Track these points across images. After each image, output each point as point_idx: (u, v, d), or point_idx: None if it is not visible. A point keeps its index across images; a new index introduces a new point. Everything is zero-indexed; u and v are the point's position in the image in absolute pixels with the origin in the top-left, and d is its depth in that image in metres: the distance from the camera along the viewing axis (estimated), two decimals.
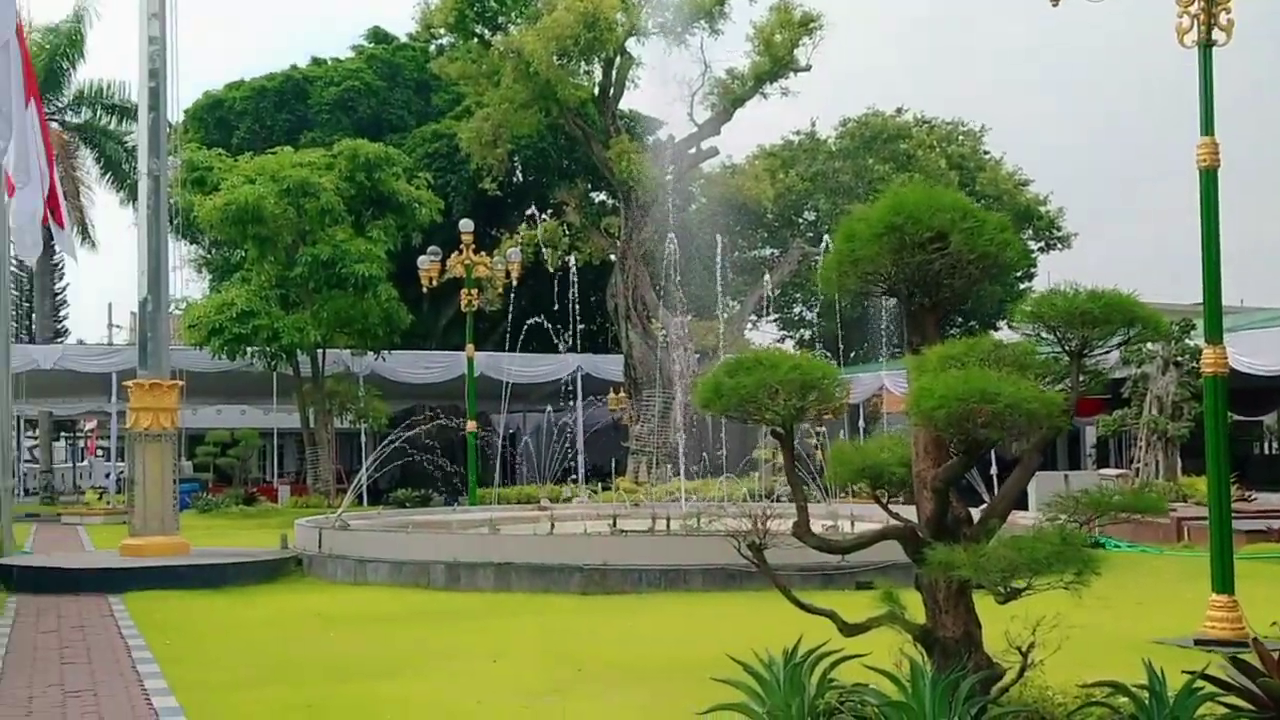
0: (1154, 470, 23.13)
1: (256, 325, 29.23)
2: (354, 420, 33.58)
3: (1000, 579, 5.27)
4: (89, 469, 47.91)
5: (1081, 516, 5.83)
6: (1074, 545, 5.30)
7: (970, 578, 5.36)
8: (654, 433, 31.25)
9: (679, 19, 32.29)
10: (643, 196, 32.50)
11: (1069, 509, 5.82)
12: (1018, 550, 5.22)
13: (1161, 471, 23.08)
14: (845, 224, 6.22)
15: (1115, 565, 12.92)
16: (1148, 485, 21.69)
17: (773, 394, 5.84)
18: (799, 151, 46.95)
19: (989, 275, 6.12)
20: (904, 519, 6.14)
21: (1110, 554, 14.32)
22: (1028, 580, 5.29)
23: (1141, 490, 14.30)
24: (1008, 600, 5.40)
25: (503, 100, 32.62)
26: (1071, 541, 5.32)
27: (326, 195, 29.77)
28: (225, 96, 42.99)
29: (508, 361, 31.29)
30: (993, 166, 47.00)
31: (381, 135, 38.13)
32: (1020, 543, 5.27)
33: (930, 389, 5.23)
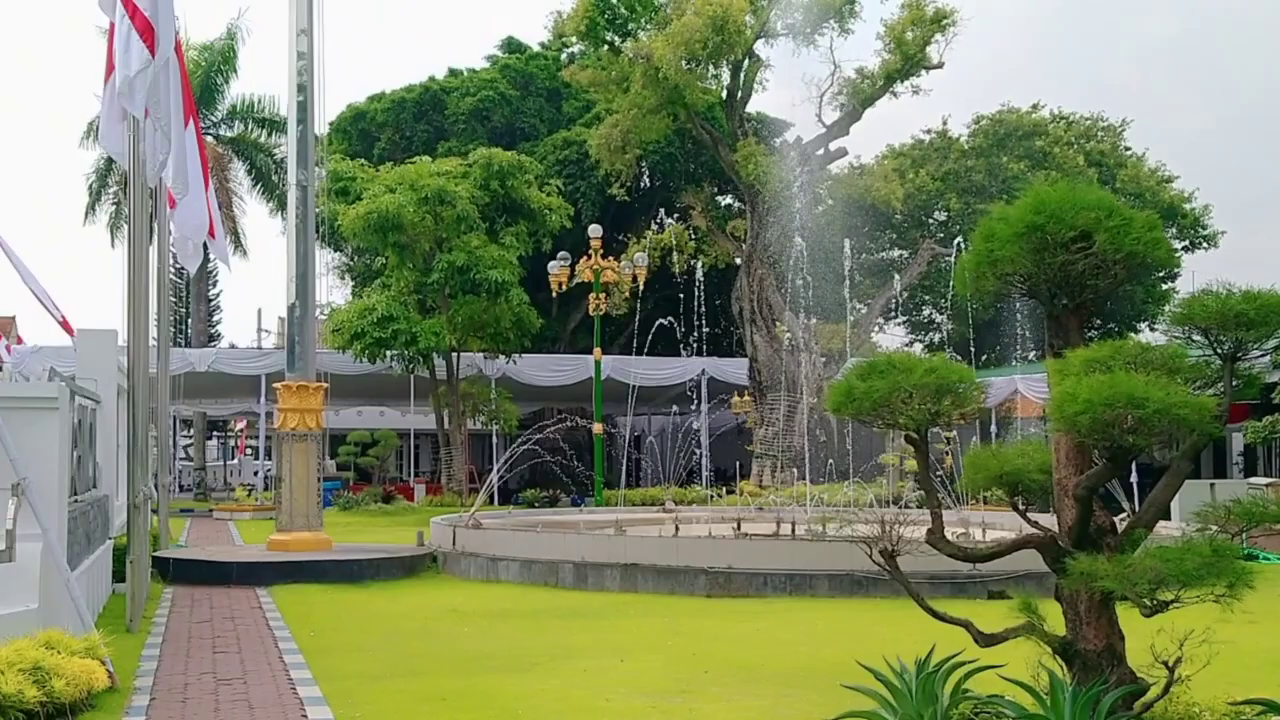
0: None
1: (396, 330, 29.98)
2: (486, 422, 34.14)
3: (1147, 591, 5.13)
4: (239, 467, 49.62)
5: (1233, 528, 5.63)
6: (1226, 557, 5.13)
7: (1114, 589, 5.23)
8: (778, 436, 31.11)
9: (808, 20, 32.06)
10: (769, 199, 32.38)
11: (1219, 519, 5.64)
12: (1165, 561, 5.07)
13: None
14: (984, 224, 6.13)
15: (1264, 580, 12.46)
16: None
17: (907, 398, 5.79)
18: (930, 150, 46.17)
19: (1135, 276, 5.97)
20: (1043, 527, 6.02)
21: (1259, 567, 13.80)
22: (1175, 593, 5.14)
23: None
24: (1153, 613, 5.26)
25: (632, 106, 32.83)
26: (1223, 553, 5.15)
27: (462, 203, 30.40)
28: (367, 108, 44.19)
29: (634, 364, 31.47)
30: (1134, 163, 45.51)
31: (514, 143, 38.74)
32: (1168, 553, 5.12)
33: (1074, 393, 5.12)
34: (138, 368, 11.53)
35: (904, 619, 6.56)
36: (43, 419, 9.11)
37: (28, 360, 30.18)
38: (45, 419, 9.14)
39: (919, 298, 45.30)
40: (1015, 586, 11.47)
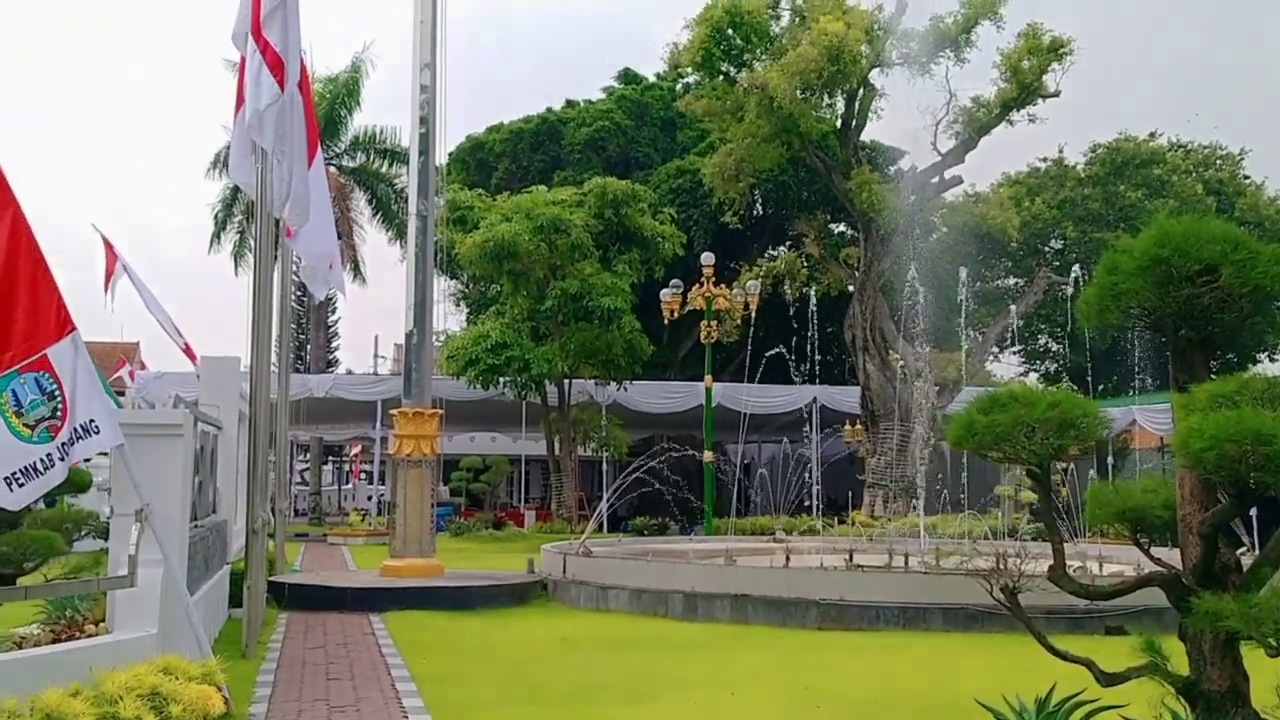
0: None
1: (509, 356, 30.36)
2: (596, 448, 34.32)
3: (1273, 631, 4.98)
4: (353, 491, 50.59)
5: None
6: None
7: (1240, 629, 5.09)
8: (891, 466, 30.73)
9: (924, 49, 31.81)
10: (883, 227, 32.11)
11: None
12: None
13: None
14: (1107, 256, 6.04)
15: None
16: None
17: (1029, 433, 5.71)
18: (1046, 178, 45.42)
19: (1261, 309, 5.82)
20: (1166, 564, 5.88)
21: None
22: None
23: None
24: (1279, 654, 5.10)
25: (745, 135, 32.89)
26: None
27: (576, 231, 30.77)
28: (486, 139, 45.05)
29: (745, 392, 31.39)
30: (1253, 191, 44.26)
31: (629, 172, 39.10)
32: None
33: (1200, 429, 5.00)
34: (259, 394, 11.85)
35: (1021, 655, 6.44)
36: (167, 446, 9.32)
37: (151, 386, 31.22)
38: (169, 446, 9.35)
39: (1035, 326, 44.50)
40: (1133, 622, 11.13)
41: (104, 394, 7.93)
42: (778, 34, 32.87)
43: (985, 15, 31.39)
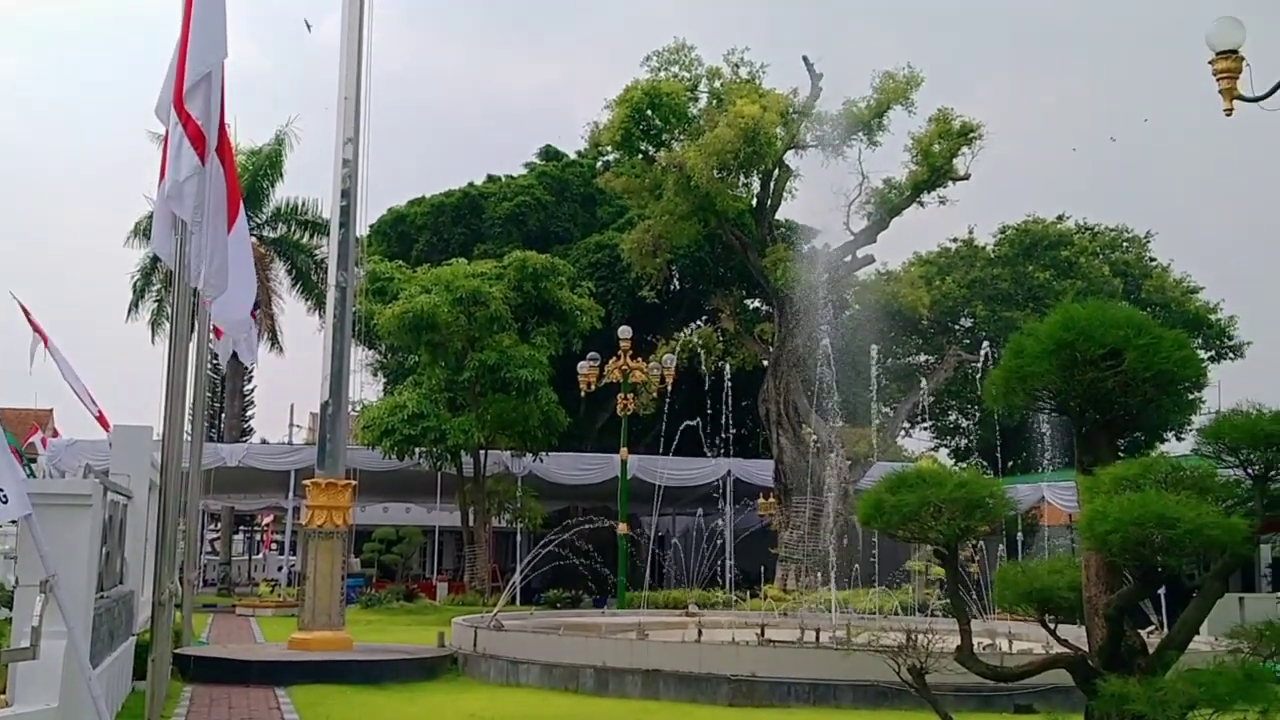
0: None
1: (425, 427, 30.26)
2: (510, 520, 34.11)
3: (1178, 715, 5.08)
4: (264, 562, 49.56)
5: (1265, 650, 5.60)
6: (1259, 681, 5.10)
7: (1146, 713, 5.19)
8: (803, 540, 30.91)
9: (837, 132, 32.61)
10: (797, 303, 32.62)
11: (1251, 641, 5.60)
12: (1197, 685, 5.04)
13: None
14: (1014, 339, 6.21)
15: None
16: None
17: (936, 513, 5.82)
18: (956, 258, 46.47)
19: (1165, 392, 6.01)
20: (1071, 645, 5.99)
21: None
22: (1208, 717, 5.10)
23: None
24: None
25: (664, 212, 33.36)
26: (1256, 677, 5.12)
27: (495, 304, 30.88)
28: (407, 212, 45.15)
29: (660, 464, 31.44)
30: (1159, 273, 45.67)
31: (549, 246, 39.37)
32: (1200, 677, 5.09)
33: (1105, 512, 5.14)
34: (170, 463, 11.65)
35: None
36: (75, 516, 9.13)
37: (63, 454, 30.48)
38: (77, 516, 9.16)
39: (945, 403, 45.24)
40: (1042, 701, 11.27)
41: (13, 463, 7.76)
42: (695, 115, 33.51)
43: (897, 100, 32.30)
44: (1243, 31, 9.76)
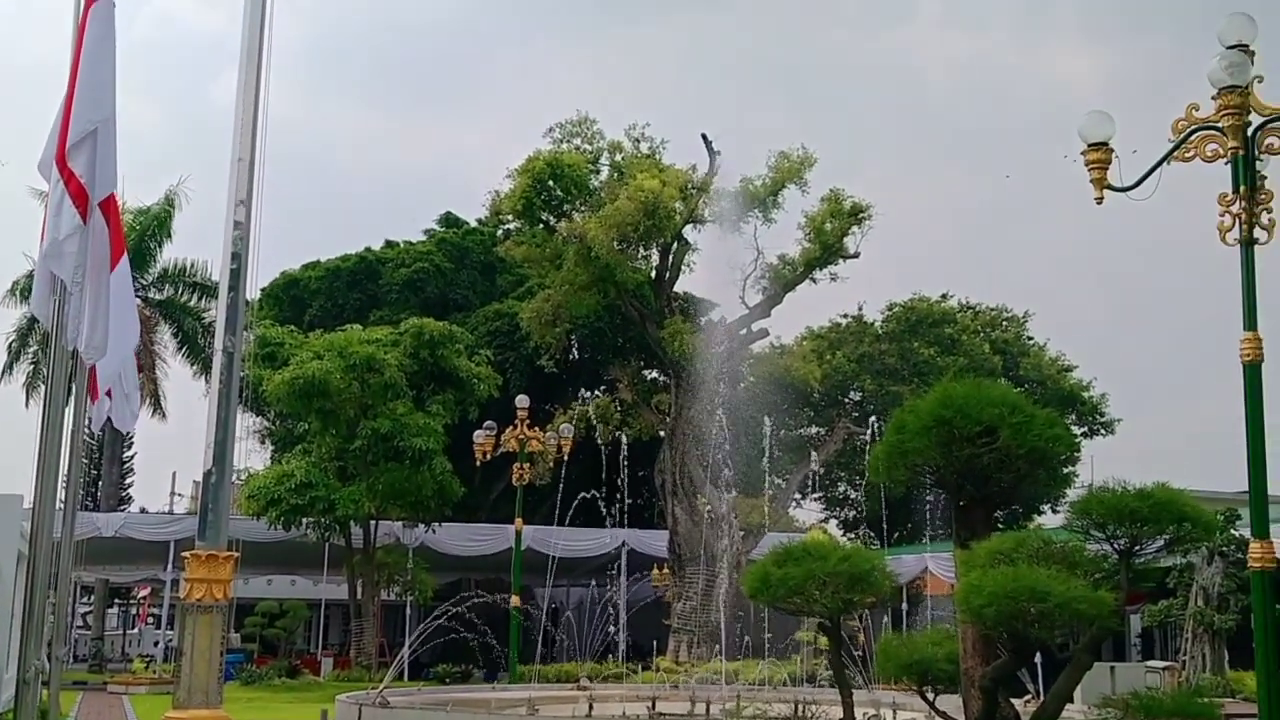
0: (1201, 663, 22.48)
1: (314, 496, 29.63)
2: (400, 593, 33.48)
3: None
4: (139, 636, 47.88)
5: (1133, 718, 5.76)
6: None
7: None
8: (696, 611, 30.89)
9: (734, 209, 33.26)
10: (693, 375, 32.91)
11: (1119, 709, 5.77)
12: None
13: (1209, 665, 22.42)
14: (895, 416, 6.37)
15: None
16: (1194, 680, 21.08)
17: (821, 586, 5.92)
18: (846, 333, 47.42)
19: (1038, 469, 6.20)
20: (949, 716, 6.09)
21: None
22: None
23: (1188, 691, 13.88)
24: None
25: (564, 282, 33.51)
26: None
27: (390, 371, 30.51)
28: (301, 276, 44.43)
29: (555, 535, 31.25)
30: (1036, 352, 47.15)
31: (447, 314, 39.13)
32: None
33: (979, 586, 5.28)
34: (41, 533, 11.25)
35: None
36: None
37: None
38: None
39: (835, 474, 45.81)
40: None
41: None
42: (597, 187, 33.87)
43: (791, 180, 33.09)
44: (1112, 125, 10.25)
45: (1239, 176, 9.59)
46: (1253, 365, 9.42)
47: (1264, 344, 9.54)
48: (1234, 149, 9.65)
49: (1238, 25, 9.74)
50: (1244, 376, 9.44)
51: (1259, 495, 9.44)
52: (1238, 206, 9.60)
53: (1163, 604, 23.81)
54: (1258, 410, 9.39)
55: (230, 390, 17.07)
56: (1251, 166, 9.63)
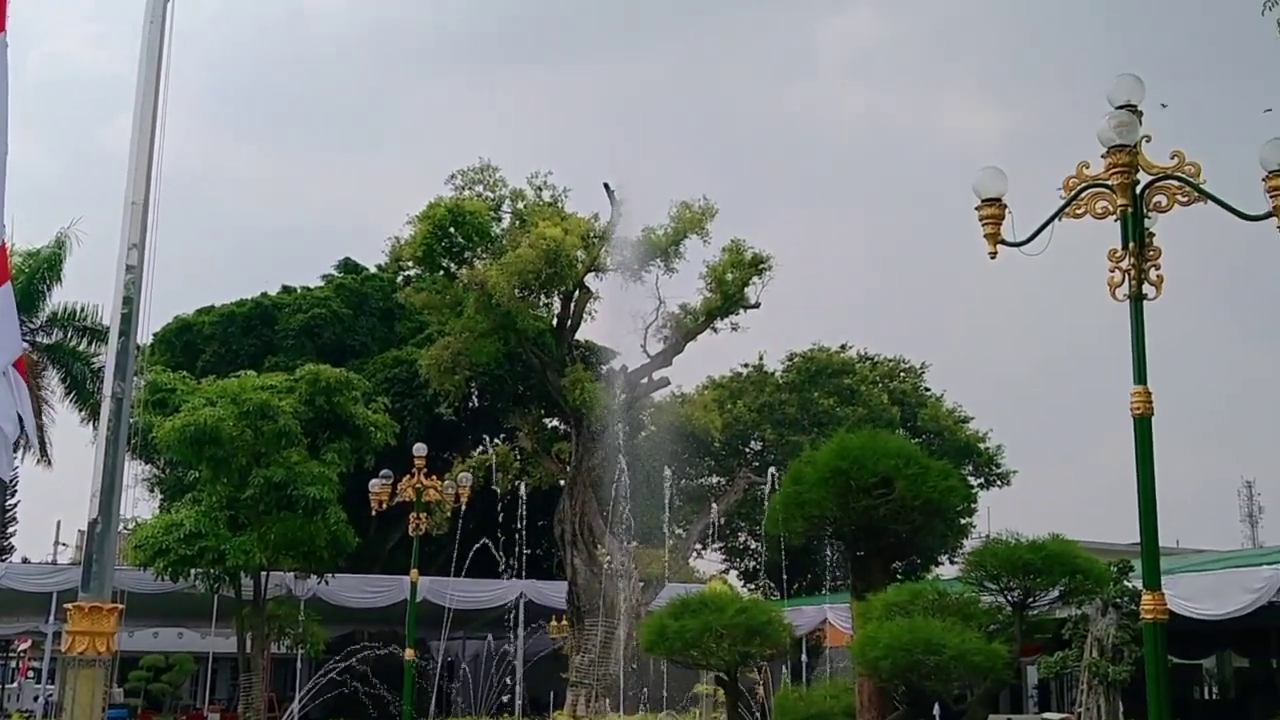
0: (1096, 715, 22.80)
1: (203, 546, 28.81)
2: (291, 646, 32.66)
3: None
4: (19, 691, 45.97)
5: None
6: None
7: None
8: (594, 663, 30.65)
9: (636, 258, 33.44)
10: (594, 424, 32.86)
11: None
12: None
13: (1104, 716, 22.79)
14: (793, 466, 6.40)
15: None
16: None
17: (718, 638, 5.90)
18: (747, 383, 47.83)
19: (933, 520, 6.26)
20: None
21: None
22: None
23: None
24: None
25: (464, 329, 33.31)
26: None
27: (285, 418, 29.86)
28: (195, 321, 43.60)
29: (451, 586, 30.82)
30: (933, 402, 47.98)
31: (344, 360, 38.60)
32: None
33: (875, 638, 5.30)
34: None
35: None
36: None
37: None
38: None
39: (735, 524, 45.99)
40: None
41: None
42: (499, 235, 33.82)
43: (693, 230, 33.40)
44: (1005, 181, 10.49)
45: (1128, 233, 9.81)
46: (1143, 419, 9.55)
47: (1153, 398, 9.68)
48: (1123, 206, 9.87)
49: (1127, 86, 10.05)
50: (1134, 430, 9.58)
51: (1150, 547, 9.58)
52: (1127, 262, 9.80)
53: (1058, 655, 24.16)
54: (1148, 463, 9.51)
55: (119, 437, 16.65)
56: (1140, 223, 9.85)
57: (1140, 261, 9.78)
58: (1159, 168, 9.97)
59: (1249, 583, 21.88)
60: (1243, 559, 26.58)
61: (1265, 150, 9.40)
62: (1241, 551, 36.64)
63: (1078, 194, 10.13)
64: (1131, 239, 9.78)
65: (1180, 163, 9.86)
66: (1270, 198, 9.48)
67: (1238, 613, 22.29)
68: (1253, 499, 64.04)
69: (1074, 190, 10.14)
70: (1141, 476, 9.52)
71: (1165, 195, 9.91)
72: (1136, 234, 9.80)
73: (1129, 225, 9.82)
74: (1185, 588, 22.26)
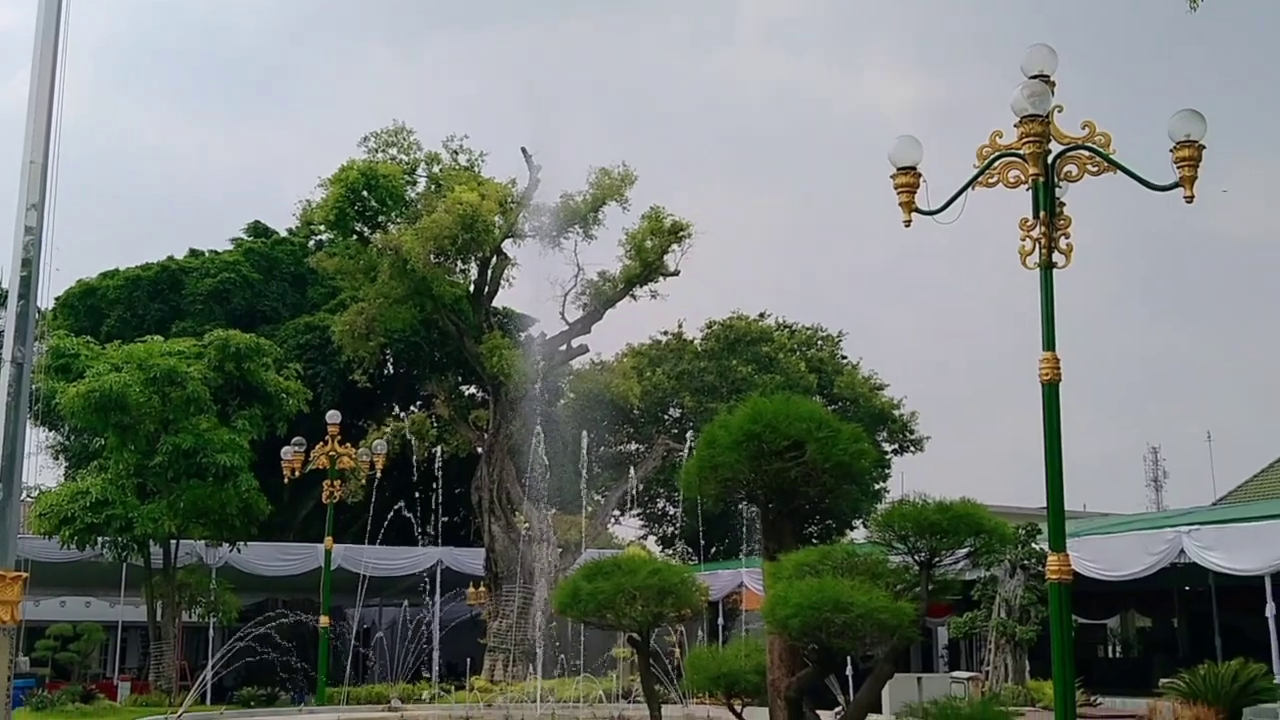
0: (1003, 673, 23.45)
1: (110, 514, 28.29)
2: (203, 614, 32.27)
3: None
4: None
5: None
6: None
7: None
8: (512, 629, 30.70)
9: (554, 224, 33.32)
10: (512, 391, 32.77)
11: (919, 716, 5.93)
12: None
13: (1011, 674, 23.41)
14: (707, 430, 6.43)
15: None
16: (997, 689, 21.98)
17: (630, 599, 5.92)
18: (666, 351, 47.96)
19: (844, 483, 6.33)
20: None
21: None
22: None
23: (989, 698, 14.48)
24: None
25: (378, 295, 32.98)
26: None
27: (193, 384, 29.34)
28: (99, 285, 42.53)
29: (366, 554, 30.64)
30: (850, 370, 48.52)
31: (255, 326, 37.96)
32: None
33: (785, 597, 5.36)
34: None
35: None
36: None
37: None
38: None
39: (654, 490, 46.20)
40: None
41: None
42: (413, 199, 33.48)
43: (611, 197, 33.33)
44: (920, 150, 10.56)
45: (1039, 202, 9.94)
46: (1051, 385, 9.67)
47: (1062, 365, 9.81)
48: (1035, 175, 9.99)
49: (1040, 56, 10.18)
50: (1043, 396, 9.70)
51: (1056, 510, 9.78)
52: (1038, 231, 9.93)
53: (968, 616, 24.76)
54: (1055, 428, 9.64)
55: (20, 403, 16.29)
56: (1051, 192, 9.99)
57: (1050, 230, 9.92)
58: (1070, 138, 10.10)
59: (1152, 546, 22.57)
60: (1146, 522, 27.34)
61: (1174, 122, 9.55)
62: (1145, 515, 37.67)
63: (991, 163, 10.24)
64: (1043, 208, 9.91)
65: (1091, 133, 10.00)
66: (1177, 169, 9.63)
67: (1140, 574, 23.00)
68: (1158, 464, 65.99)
69: (987, 159, 10.25)
70: (1048, 441, 9.65)
71: (1076, 165, 10.04)
72: (1047, 203, 9.93)
73: (1040, 194, 9.94)
74: (1090, 550, 22.91)
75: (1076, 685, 10.76)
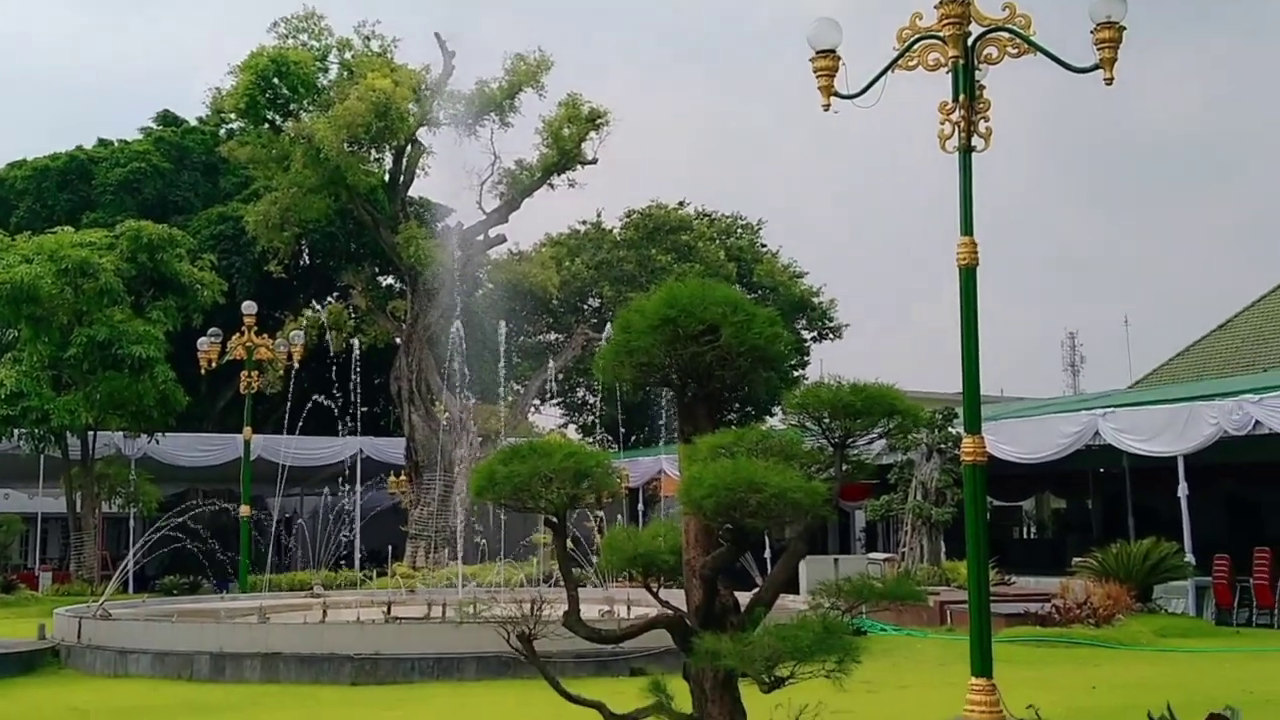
0: (919, 554, 24.09)
1: (26, 407, 27.96)
2: (123, 505, 32.10)
3: (764, 668, 5.36)
4: None
5: (845, 604, 6.06)
6: (836, 633, 5.47)
7: (735, 667, 5.48)
8: (433, 516, 30.92)
9: (470, 111, 32.75)
10: (429, 281, 32.50)
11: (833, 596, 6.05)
12: (781, 639, 5.35)
13: (926, 555, 24.07)
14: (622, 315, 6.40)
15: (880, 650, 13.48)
16: (913, 569, 22.61)
17: (546, 482, 5.94)
18: (585, 240, 47.78)
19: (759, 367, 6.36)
20: (674, 607, 6.25)
21: (874, 639, 14.81)
22: (791, 669, 5.42)
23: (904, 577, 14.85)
24: (772, 689, 5.49)
25: (292, 184, 32.38)
26: (833, 629, 5.49)
27: (106, 276, 28.82)
28: (6, 175, 41.47)
29: (286, 444, 30.50)
30: (769, 258, 48.76)
31: (167, 217, 37.19)
32: (784, 631, 5.40)
33: (700, 478, 5.40)
34: None
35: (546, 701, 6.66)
36: None
37: None
38: None
39: (574, 380, 46.40)
40: (656, 664, 11.76)
41: None
42: (325, 86, 32.68)
43: (528, 83, 32.79)
44: (839, 33, 10.38)
45: (959, 85, 9.85)
46: (968, 269, 9.71)
47: (979, 250, 9.81)
48: (954, 58, 9.84)
49: None
50: (959, 280, 9.74)
51: (972, 393, 9.94)
52: (957, 115, 9.82)
53: (884, 499, 25.24)
54: (972, 313, 9.71)
55: None
56: (971, 76, 9.87)
57: (970, 113, 9.82)
58: (991, 19, 9.94)
59: (1066, 428, 23.05)
60: (1062, 406, 27.85)
61: (1095, 2, 9.45)
62: (1061, 399, 38.47)
63: (910, 45, 10.10)
64: (962, 91, 9.81)
65: (1012, 14, 9.87)
66: (1098, 50, 9.57)
67: (1055, 456, 23.53)
68: (1075, 349, 67.28)
69: (907, 42, 10.12)
70: (965, 325, 9.74)
71: (996, 47, 9.91)
72: (967, 86, 9.84)
73: (960, 77, 9.84)
74: (1006, 433, 23.37)
75: (991, 565, 11.11)
